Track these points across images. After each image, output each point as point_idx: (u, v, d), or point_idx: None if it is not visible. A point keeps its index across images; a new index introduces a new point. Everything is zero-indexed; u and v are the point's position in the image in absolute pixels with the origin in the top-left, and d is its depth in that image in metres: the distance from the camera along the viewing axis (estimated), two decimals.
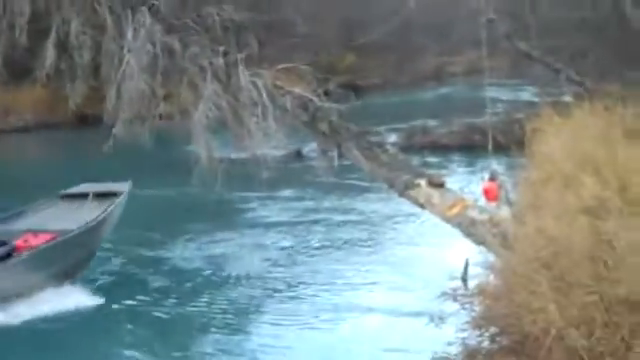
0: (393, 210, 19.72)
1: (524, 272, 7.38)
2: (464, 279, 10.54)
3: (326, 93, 14.45)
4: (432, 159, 30.34)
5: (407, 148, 32.12)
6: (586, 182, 9.03)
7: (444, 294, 8.69)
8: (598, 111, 12.63)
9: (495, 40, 18.51)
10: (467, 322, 8.38)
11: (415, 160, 30.18)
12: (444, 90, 46.84)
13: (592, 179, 9.12)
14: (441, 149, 30.92)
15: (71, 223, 16.32)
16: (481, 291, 8.12)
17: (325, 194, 22.44)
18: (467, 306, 8.13)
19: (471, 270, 10.81)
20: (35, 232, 15.95)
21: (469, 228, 13.22)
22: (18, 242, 15.48)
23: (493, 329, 7.98)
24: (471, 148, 24.81)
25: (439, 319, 8.69)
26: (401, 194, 14.37)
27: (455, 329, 8.64)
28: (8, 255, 15.04)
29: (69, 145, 31.99)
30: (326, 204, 22.31)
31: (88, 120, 18.33)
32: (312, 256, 18.10)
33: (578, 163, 10.16)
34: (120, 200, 17.11)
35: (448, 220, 13.78)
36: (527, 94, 34.43)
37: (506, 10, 20.98)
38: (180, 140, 14.49)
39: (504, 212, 13.09)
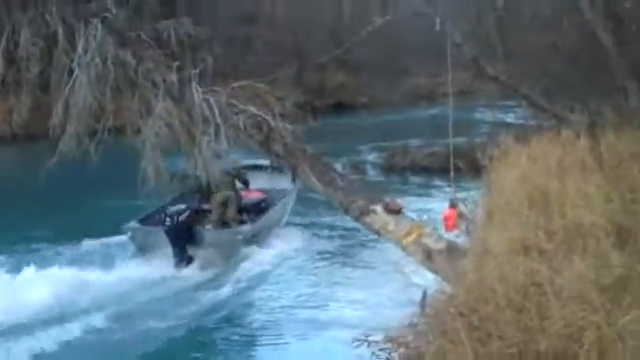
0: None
1: (446, 316, 6.75)
2: (422, 307, 10.13)
3: (281, 114, 13.84)
4: (412, 180, 30.03)
5: (388, 169, 32.10)
6: (528, 218, 8.44)
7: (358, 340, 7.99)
8: (558, 140, 12.10)
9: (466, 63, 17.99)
10: None
11: (395, 181, 30.15)
12: (434, 111, 46.22)
13: (536, 214, 8.53)
14: (422, 171, 30.49)
15: (275, 185, 20.55)
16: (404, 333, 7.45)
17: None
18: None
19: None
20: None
21: (424, 257, 12.62)
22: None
23: None
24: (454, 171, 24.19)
25: None
26: (356, 219, 13.80)
27: None
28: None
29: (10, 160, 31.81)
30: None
31: (34, 135, 17.57)
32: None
33: (527, 196, 9.58)
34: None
35: (404, 248, 13.19)
36: (516, 116, 34.09)
37: (473, 34, 20.52)
38: (131, 156, 13.75)
39: (460, 242, 12.54)
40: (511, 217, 9.29)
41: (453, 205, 13.88)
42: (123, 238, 17.76)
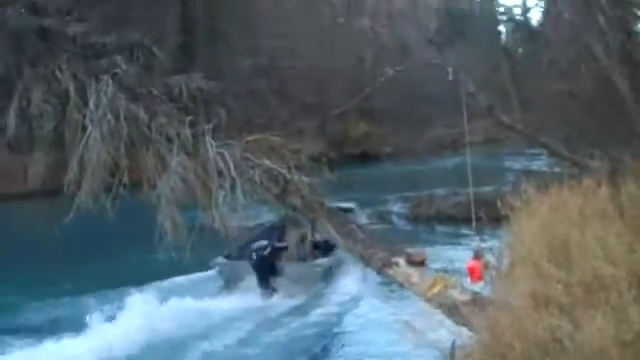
0: None
1: None
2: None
3: (297, 166, 13.71)
4: (438, 230, 29.79)
5: (413, 218, 31.82)
6: (548, 269, 8.17)
7: None
8: (579, 188, 11.81)
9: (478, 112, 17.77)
10: None
11: (421, 230, 29.87)
12: (458, 160, 46.03)
13: (556, 266, 8.26)
14: (447, 220, 30.19)
15: None
16: None
17: None
18: None
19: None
20: None
21: (451, 309, 12.31)
22: None
23: None
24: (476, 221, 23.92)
25: None
26: (378, 272, 13.60)
27: None
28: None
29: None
30: None
31: (50, 192, 17.64)
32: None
33: (547, 246, 9.31)
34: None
35: (429, 300, 12.90)
36: (540, 164, 33.77)
37: (488, 83, 20.36)
38: (147, 210, 13.64)
39: (485, 293, 12.25)
40: (531, 269, 9.02)
41: (478, 256, 13.70)
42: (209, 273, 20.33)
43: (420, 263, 13.18)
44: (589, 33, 16.80)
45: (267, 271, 19.46)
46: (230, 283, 19.88)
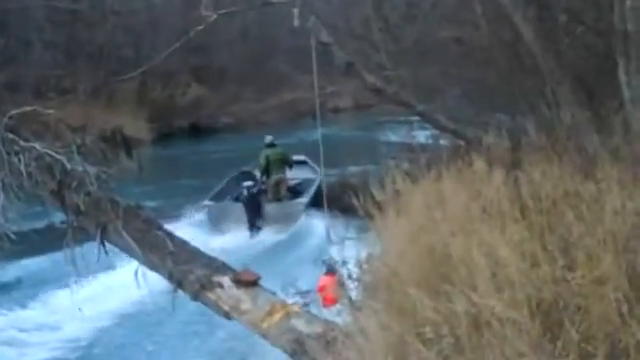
0: None
1: None
2: None
3: (80, 150, 12.56)
4: None
5: None
6: (419, 300, 7.41)
7: None
8: (465, 174, 11.25)
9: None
10: None
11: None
12: (323, 130, 45.63)
13: (429, 294, 7.51)
14: None
15: (303, 174, 31.58)
16: None
17: None
18: None
19: None
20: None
21: (294, 346, 11.48)
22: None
23: None
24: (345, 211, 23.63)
25: None
26: (195, 297, 12.53)
27: None
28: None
29: None
30: None
31: None
32: None
33: (419, 263, 8.60)
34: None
35: (265, 334, 12.05)
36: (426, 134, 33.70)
37: (347, 29, 19.74)
38: None
39: (342, 322, 11.43)
40: (398, 295, 8.28)
41: (331, 270, 12.86)
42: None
43: (252, 283, 12.26)
44: None
45: (255, 209, 26.83)
46: (219, 223, 26.73)
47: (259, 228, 26.32)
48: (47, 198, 12.92)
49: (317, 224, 24.59)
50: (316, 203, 26.15)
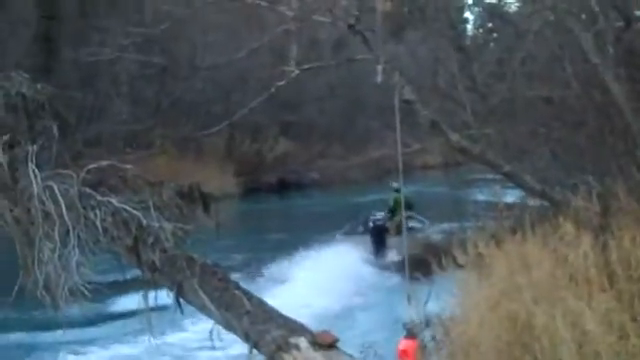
0: None
1: None
2: None
3: (157, 206, 12.37)
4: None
5: None
6: None
7: None
8: (550, 237, 10.83)
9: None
10: None
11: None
12: (410, 188, 45.39)
13: None
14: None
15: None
16: None
17: None
18: None
19: None
20: None
21: None
22: None
23: None
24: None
25: None
26: (271, 358, 12.25)
27: None
28: None
29: None
30: None
31: None
32: None
33: (500, 331, 8.19)
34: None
35: None
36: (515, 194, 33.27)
37: (432, 87, 19.38)
38: None
39: None
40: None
41: (412, 334, 12.47)
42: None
43: (329, 346, 11.99)
44: (574, 18, 15.95)
45: (380, 237, 32.90)
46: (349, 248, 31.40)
47: (380, 253, 32.18)
48: (123, 254, 12.76)
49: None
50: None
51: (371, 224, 33.76)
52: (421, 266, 16.34)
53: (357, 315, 24.16)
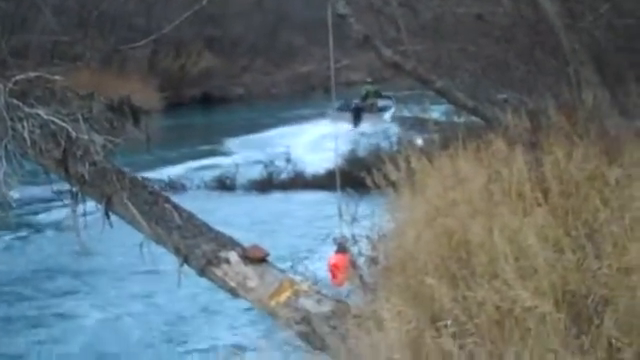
0: None
1: None
2: None
3: (86, 118, 12.14)
4: (295, 201, 28.89)
5: (261, 185, 30.77)
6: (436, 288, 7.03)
7: None
8: (484, 153, 10.85)
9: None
10: None
11: (273, 201, 28.86)
12: (336, 104, 45.68)
13: (446, 285, 7.15)
14: (309, 188, 29.36)
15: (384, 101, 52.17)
16: None
17: None
18: None
19: None
20: None
21: (302, 326, 11.10)
22: None
23: None
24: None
25: None
26: (201, 272, 12.13)
27: None
28: None
29: None
30: None
31: None
32: None
33: (435, 248, 8.21)
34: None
35: (273, 312, 11.67)
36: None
37: (365, 2, 19.27)
38: None
39: (353, 302, 11.05)
40: (412, 280, 7.91)
41: (342, 249, 12.41)
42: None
43: (261, 260, 11.86)
44: None
45: (358, 114, 48.43)
46: (337, 121, 35.54)
47: (358, 125, 46.68)
48: (51, 167, 12.53)
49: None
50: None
51: (353, 105, 49.12)
52: (349, 181, 16.31)
53: None
